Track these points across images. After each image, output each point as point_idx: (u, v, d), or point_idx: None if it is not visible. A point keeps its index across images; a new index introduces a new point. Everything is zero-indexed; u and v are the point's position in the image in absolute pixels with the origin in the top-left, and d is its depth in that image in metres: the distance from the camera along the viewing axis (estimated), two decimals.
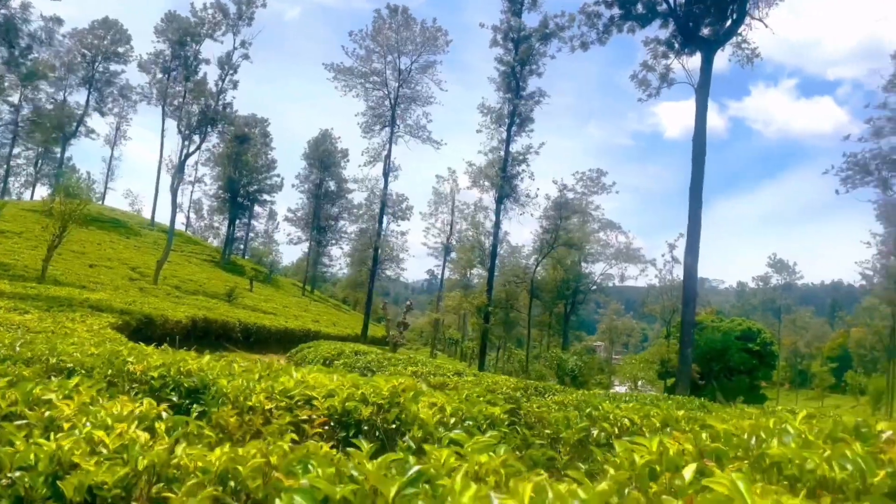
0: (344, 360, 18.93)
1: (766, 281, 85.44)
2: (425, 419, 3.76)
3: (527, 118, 39.60)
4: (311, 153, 72.13)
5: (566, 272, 54.46)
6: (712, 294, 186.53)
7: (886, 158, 23.88)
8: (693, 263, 25.21)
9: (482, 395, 6.02)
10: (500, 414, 4.44)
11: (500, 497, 1.29)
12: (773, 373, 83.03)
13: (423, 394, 4.81)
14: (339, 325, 52.67)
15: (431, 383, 15.06)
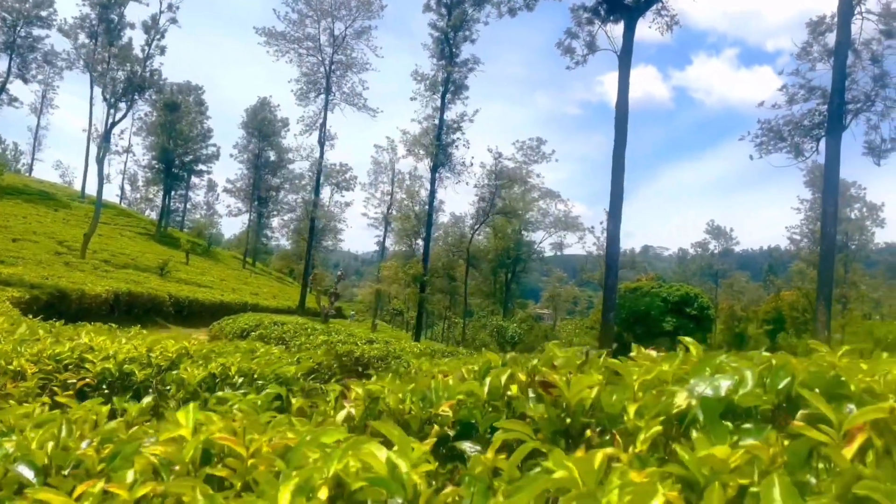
0: (261, 331, 18.75)
1: (705, 247, 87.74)
2: (187, 379, 3.70)
3: (461, 85, 39.33)
4: (249, 122, 70.35)
5: (506, 241, 54.82)
6: (657, 261, 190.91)
7: (798, 125, 24.60)
8: (615, 230, 25.63)
9: (323, 359, 5.99)
10: (294, 373, 4.41)
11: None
12: (708, 336, 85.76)
13: (222, 355, 4.73)
14: (279, 298, 52.09)
15: (339, 351, 15.03)
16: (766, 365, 1.57)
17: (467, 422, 1.80)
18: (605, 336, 25.41)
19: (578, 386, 1.41)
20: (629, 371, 1.47)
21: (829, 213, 21.50)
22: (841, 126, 21.98)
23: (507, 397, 1.75)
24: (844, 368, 1.54)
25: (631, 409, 1.32)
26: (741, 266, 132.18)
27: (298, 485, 1.05)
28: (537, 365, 1.69)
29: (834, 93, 22.10)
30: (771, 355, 1.69)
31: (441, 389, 1.84)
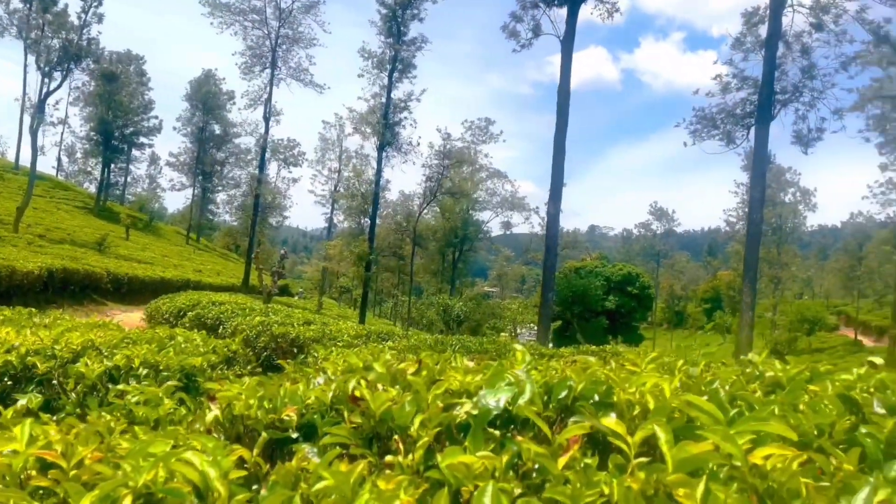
0: (198, 311, 18.53)
1: (648, 228, 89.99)
2: (86, 373, 3.82)
3: (409, 64, 39.16)
4: (193, 94, 68.52)
5: (454, 220, 55.17)
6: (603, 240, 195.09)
7: (731, 113, 25.46)
8: (555, 212, 26.16)
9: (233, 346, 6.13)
10: (200, 364, 4.56)
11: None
12: (648, 314, 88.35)
13: (133, 345, 4.85)
14: (223, 275, 51.32)
15: (275, 332, 15.09)
16: (557, 377, 1.83)
17: (312, 425, 2.02)
18: (544, 315, 26.05)
19: (380, 400, 1.65)
20: (422, 385, 1.71)
21: (756, 199, 22.44)
22: (770, 116, 22.87)
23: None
24: (615, 380, 1.81)
25: (416, 420, 1.56)
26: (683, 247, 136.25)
27: (101, 496, 1.25)
28: (361, 378, 1.92)
29: (764, 83, 22.95)
30: (565, 366, 1.96)
31: (287, 395, 2.05)
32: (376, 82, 39.15)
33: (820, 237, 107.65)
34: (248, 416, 1.97)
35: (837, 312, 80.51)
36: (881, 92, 38.74)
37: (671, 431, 1.37)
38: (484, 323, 57.49)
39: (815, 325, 62.64)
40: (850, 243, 70.80)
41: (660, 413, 1.60)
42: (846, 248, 72.65)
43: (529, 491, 1.35)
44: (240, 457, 1.69)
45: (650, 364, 2.29)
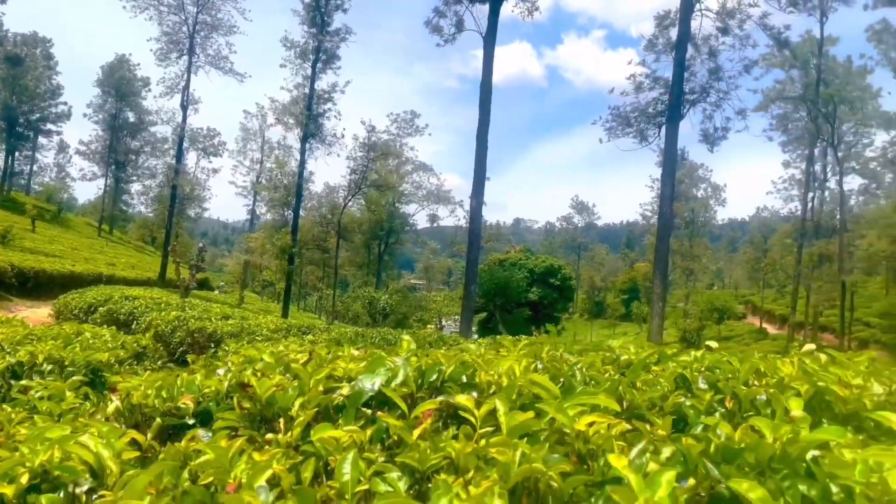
0: (110, 306, 17.94)
1: (569, 221, 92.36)
2: None
3: (333, 55, 38.77)
4: (106, 80, 65.42)
5: (379, 213, 55.07)
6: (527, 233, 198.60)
7: (643, 112, 26.59)
8: (478, 206, 26.62)
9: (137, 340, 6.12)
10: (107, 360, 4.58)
11: None
12: (570, 305, 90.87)
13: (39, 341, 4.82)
14: (138, 269, 49.50)
15: (191, 328, 14.83)
16: (429, 361, 2.07)
17: (208, 411, 2.18)
18: (466, 307, 26.50)
19: (265, 386, 1.83)
20: (305, 372, 1.91)
21: (666, 195, 23.56)
22: (679, 115, 24.02)
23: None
24: (480, 364, 2.06)
25: (297, 402, 1.75)
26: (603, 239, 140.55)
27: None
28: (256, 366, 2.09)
29: (674, 84, 24.08)
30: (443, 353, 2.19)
31: (184, 385, 2.20)
32: (299, 73, 38.66)
33: (730, 230, 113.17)
34: (145, 405, 2.11)
35: (745, 302, 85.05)
36: (783, 93, 41.26)
37: (507, 404, 1.62)
38: (411, 316, 57.71)
39: (724, 314, 66.05)
40: (756, 236, 74.87)
41: (508, 390, 1.85)
42: (752, 241, 76.76)
43: (391, 458, 1.57)
44: (139, 442, 1.85)
45: (522, 350, 2.56)
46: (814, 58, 38.04)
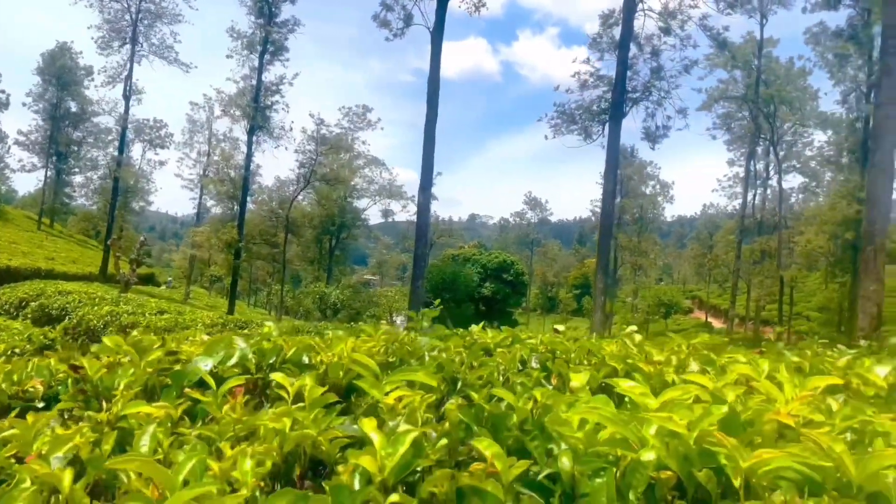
0: (42, 300, 17.52)
1: (523, 217, 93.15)
2: None
3: (281, 47, 38.29)
4: (46, 68, 63.00)
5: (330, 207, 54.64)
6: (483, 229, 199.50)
7: (588, 109, 27.07)
8: (426, 202, 26.71)
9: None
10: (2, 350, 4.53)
11: None
12: (523, 300, 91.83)
13: None
14: (79, 263, 48.08)
15: (123, 322, 14.59)
16: (271, 344, 2.16)
17: (58, 395, 2.23)
18: (414, 301, 26.58)
19: (94, 368, 1.89)
20: (135, 354, 1.98)
21: (608, 192, 24.06)
22: (622, 113, 24.53)
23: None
24: (321, 346, 2.16)
25: (122, 382, 1.82)
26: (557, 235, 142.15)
27: None
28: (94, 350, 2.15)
29: (617, 82, 24.57)
30: (287, 337, 2.29)
31: (34, 370, 2.23)
32: (246, 64, 38.08)
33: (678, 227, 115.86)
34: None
35: (692, 297, 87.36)
36: (726, 93, 42.44)
37: (315, 380, 1.72)
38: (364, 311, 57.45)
39: (672, 308, 67.77)
40: (702, 233, 76.84)
41: (333, 368, 1.95)
42: (698, 238, 78.74)
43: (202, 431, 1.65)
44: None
45: (383, 335, 2.67)
46: (755, 59, 39.25)
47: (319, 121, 43.77)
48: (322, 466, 1.51)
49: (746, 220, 49.25)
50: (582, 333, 15.90)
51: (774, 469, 1.16)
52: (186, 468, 1.21)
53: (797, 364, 2.09)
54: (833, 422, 1.40)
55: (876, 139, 12.54)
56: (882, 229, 12.04)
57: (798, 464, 1.15)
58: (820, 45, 35.55)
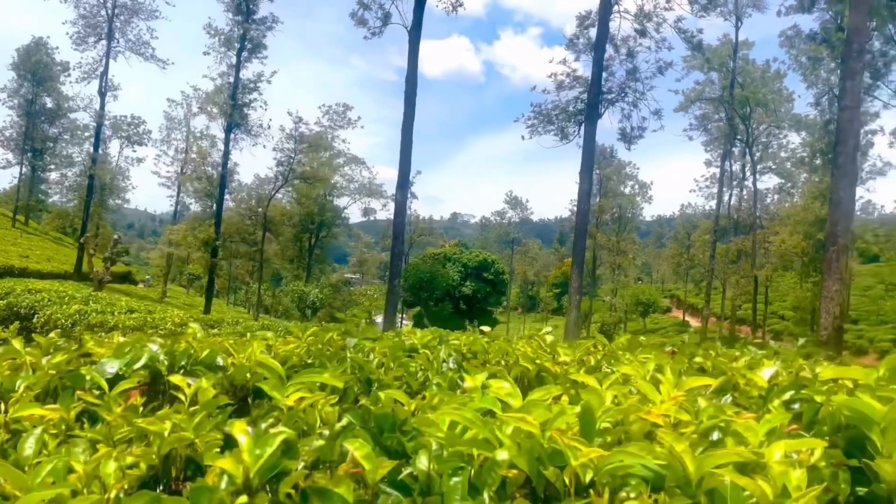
0: (10, 300, 17.26)
1: (503, 216, 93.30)
2: None
3: (259, 44, 38.06)
4: (21, 64, 62.07)
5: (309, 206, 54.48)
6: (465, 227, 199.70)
7: (564, 110, 27.21)
8: (403, 201, 26.71)
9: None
10: None
11: None
12: (503, 299, 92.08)
13: None
14: (54, 261, 47.48)
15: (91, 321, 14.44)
16: (183, 346, 2.17)
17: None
18: (390, 301, 26.58)
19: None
20: (38, 356, 1.99)
21: (584, 191, 24.20)
22: (597, 114, 24.69)
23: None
24: (235, 349, 2.17)
25: (22, 385, 1.83)
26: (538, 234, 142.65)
27: None
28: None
29: (592, 83, 24.72)
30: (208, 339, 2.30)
31: None
32: (223, 61, 37.80)
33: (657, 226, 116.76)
34: None
35: (670, 296, 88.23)
36: (703, 94, 42.86)
37: (220, 382, 1.74)
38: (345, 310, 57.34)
39: (650, 307, 68.29)
40: (680, 232, 77.51)
41: (241, 371, 1.97)
42: (676, 237, 79.43)
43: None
44: None
45: (310, 336, 2.69)
46: (730, 61, 39.70)
47: (298, 119, 43.63)
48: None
49: (722, 220, 49.79)
50: (560, 333, 16.23)
51: (622, 466, 1.20)
52: (46, 469, 1.22)
53: (700, 364, 2.14)
54: (699, 420, 1.44)
55: (839, 142, 12.77)
56: (844, 230, 12.26)
57: (644, 461, 1.19)
58: (794, 48, 36.03)
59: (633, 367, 1.78)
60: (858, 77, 12.59)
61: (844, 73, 12.96)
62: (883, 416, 1.35)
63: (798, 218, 44.03)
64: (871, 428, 1.36)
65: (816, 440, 1.26)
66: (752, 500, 1.10)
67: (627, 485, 1.20)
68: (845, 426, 1.43)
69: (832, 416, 1.44)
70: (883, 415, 1.35)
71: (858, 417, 1.39)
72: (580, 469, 1.18)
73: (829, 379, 1.58)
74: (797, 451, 1.26)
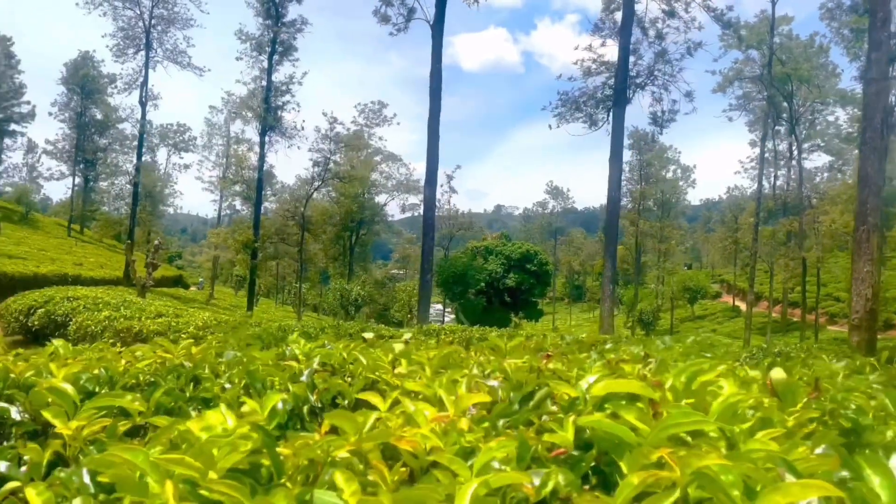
0: (48, 307, 17.86)
1: (544, 206, 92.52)
2: None
3: (290, 47, 38.52)
4: (70, 78, 64.41)
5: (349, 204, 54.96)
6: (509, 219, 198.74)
7: (592, 96, 26.69)
8: (431, 196, 26.68)
9: None
10: None
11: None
12: (548, 290, 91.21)
13: None
14: (107, 268, 49.17)
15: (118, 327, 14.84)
16: None
17: None
18: (423, 297, 26.62)
19: None
20: None
21: (614, 179, 23.73)
22: (625, 99, 24.14)
23: None
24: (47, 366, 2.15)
25: None
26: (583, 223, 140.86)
27: None
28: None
29: (619, 67, 24.17)
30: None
31: None
32: (256, 65, 38.42)
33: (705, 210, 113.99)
34: None
35: (720, 281, 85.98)
36: (742, 74, 41.51)
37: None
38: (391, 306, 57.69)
39: (697, 293, 66.63)
40: (727, 216, 75.46)
41: (39, 396, 1.94)
42: (723, 221, 77.39)
43: None
44: None
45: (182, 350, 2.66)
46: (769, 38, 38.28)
47: (333, 119, 44.03)
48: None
49: (767, 201, 48.22)
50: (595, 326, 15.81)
51: None
52: None
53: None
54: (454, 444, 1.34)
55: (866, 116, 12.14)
56: (874, 209, 11.66)
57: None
58: (835, 21, 34.55)
59: (420, 383, 1.67)
60: (884, 47, 11.92)
61: (869, 44, 12.32)
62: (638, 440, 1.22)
63: (848, 196, 42.24)
64: (622, 455, 1.21)
65: (523, 474, 1.13)
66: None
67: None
68: (600, 453, 1.29)
69: (586, 440, 1.31)
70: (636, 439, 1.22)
71: (610, 442, 1.26)
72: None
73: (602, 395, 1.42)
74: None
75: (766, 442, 1.17)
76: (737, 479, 0.94)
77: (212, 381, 2.23)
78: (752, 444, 1.18)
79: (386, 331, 13.15)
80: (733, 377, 1.57)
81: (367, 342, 2.64)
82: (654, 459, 1.09)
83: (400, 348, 2.19)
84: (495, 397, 1.55)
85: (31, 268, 36.89)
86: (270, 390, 1.93)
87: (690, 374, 1.42)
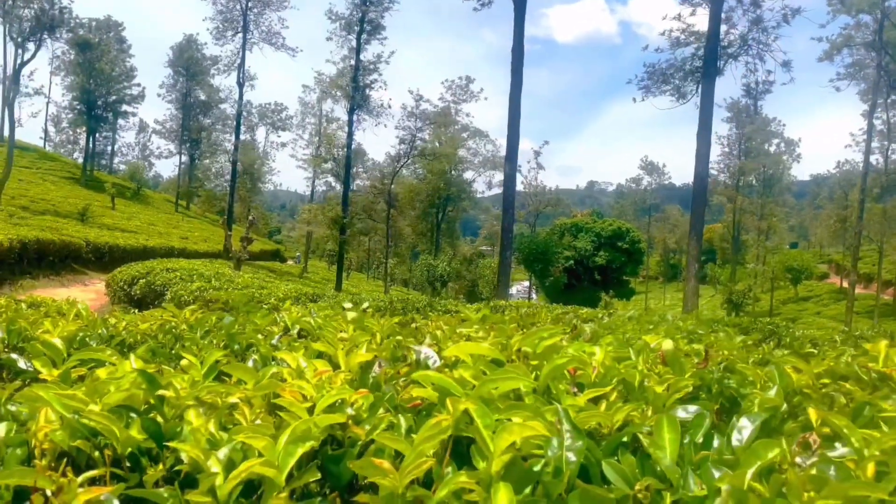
0: (149, 278, 19.21)
1: (638, 182, 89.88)
2: None
3: (378, 25, 39.10)
4: (176, 60, 68.10)
5: (435, 181, 55.54)
6: (602, 196, 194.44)
7: (680, 68, 25.62)
8: (512, 172, 26.58)
9: None
10: None
11: None
12: (640, 268, 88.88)
13: None
14: (210, 241, 52.02)
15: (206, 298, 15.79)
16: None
17: None
18: (503, 274, 26.69)
19: None
20: None
21: (702, 154, 22.82)
22: (715, 70, 23.08)
23: None
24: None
25: None
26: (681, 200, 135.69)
27: None
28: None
29: (709, 38, 23.10)
30: None
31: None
32: (345, 45, 39.25)
33: (814, 186, 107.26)
34: None
35: (827, 261, 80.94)
36: (851, 40, 38.60)
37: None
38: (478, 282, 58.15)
39: (801, 274, 63.05)
40: (837, 192, 70.81)
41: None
42: (832, 198, 72.70)
43: None
44: None
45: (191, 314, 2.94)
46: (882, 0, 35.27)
47: (419, 97, 44.48)
48: None
49: (879, 176, 44.87)
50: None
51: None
52: None
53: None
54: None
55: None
56: None
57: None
58: None
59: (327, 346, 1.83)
60: None
61: None
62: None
63: None
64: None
65: (337, 414, 1.28)
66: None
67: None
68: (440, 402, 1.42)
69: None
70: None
71: (445, 393, 1.39)
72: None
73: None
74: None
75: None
76: (490, 422, 1.08)
77: (193, 340, 2.49)
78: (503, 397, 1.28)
79: (452, 305, 13.40)
80: (609, 347, 1.65)
81: (345, 310, 2.83)
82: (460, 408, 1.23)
83: (352, 316, 2.36)
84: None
85: (142, 241, 39.55)
86: (220, 349, 2.16)
87: (537, 339, 1.53)
